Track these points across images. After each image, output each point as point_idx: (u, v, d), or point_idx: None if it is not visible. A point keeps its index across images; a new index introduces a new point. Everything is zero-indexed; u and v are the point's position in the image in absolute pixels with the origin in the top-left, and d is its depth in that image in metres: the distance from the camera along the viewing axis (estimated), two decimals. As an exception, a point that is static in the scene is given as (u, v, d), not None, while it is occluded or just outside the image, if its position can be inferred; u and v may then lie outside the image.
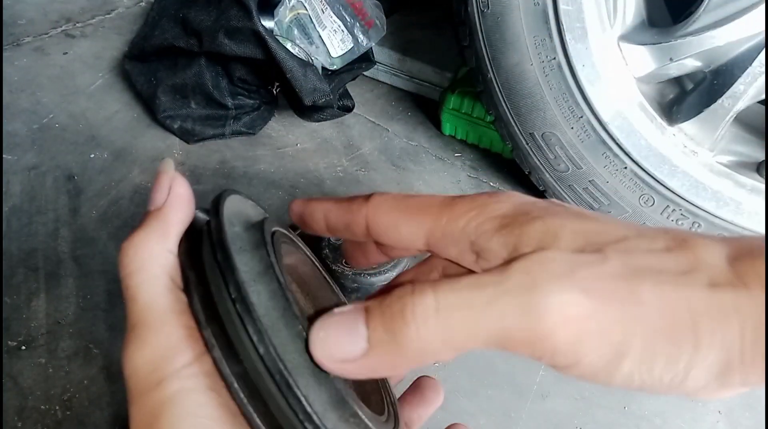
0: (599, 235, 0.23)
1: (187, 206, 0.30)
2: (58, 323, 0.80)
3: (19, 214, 0.93)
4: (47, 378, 0.75)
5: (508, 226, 0.24)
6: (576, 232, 0.23)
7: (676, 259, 0.22)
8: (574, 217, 0.24)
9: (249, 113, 1.11)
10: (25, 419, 0.71)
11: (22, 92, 1.15)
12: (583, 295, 0.20)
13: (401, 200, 0.28)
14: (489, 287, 0.21)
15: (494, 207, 0.26)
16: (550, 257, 0.22)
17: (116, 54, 1.26)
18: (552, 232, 0.23)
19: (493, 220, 0.25)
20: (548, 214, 0.24)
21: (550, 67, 0.83)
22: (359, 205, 0.28)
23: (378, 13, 1.14)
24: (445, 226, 0.26)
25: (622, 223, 0.24)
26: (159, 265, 0.27)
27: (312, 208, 0.31)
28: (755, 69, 0.78)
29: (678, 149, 0.86)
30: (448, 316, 0.21)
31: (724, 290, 0.21)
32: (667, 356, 0.20)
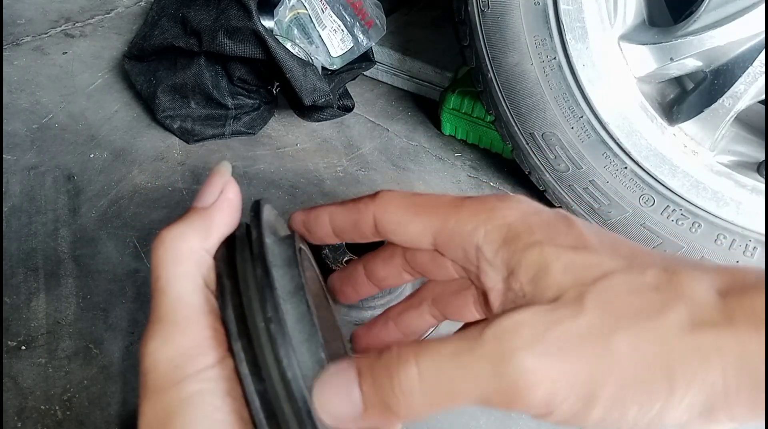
0: (588, 270, 0.24)
1: (234, 213, 0.30)
2: (58, 323, 0.80)
3: (19, 214, 0.93)
4: (47, 378, 0.75)
5: (512, 242, 0.25)
6: (566, 268, 0.24)
7: (661, 297, 0.22)
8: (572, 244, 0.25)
9: (249, 113, 1.11)
10: (25, 419, 0.71)
11: (22, 92, 1.15)
12: (553, 359, 0.22)
13: (409, 198, 0.28)
14: (465, 355, 0.23)
15: (503, 213, 0.26)
16: (521, 322, 0.23)
17: (116, 54, 1.26)
18: (545, 266, 0.24)
19: (500, 229, 0.26)
20: (548, 239, 0.25)
21: (550, 67, 0.83)
22: (366, 203, 0.29)
23: (378, 12, 1.14)
24: (454, 227, 0.27)
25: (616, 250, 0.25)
26: (195, 262, 0.27)
27: (316, 213, 0.31)
28: (755, 69, 0.78)
29: (678, 149, 0.86)
30: (430, 385, 0.23)
31: (706, 330, 0.21)
32: (639, 403, 0.21)
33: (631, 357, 0.21)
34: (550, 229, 0.26)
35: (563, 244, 0.25)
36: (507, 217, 0.26)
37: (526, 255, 0.25)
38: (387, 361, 0.24)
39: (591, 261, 0.24)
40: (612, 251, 0.24)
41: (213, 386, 0.25)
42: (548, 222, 0.26)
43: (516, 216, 0.26)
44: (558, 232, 0.25)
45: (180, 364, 0.25)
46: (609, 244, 0.25)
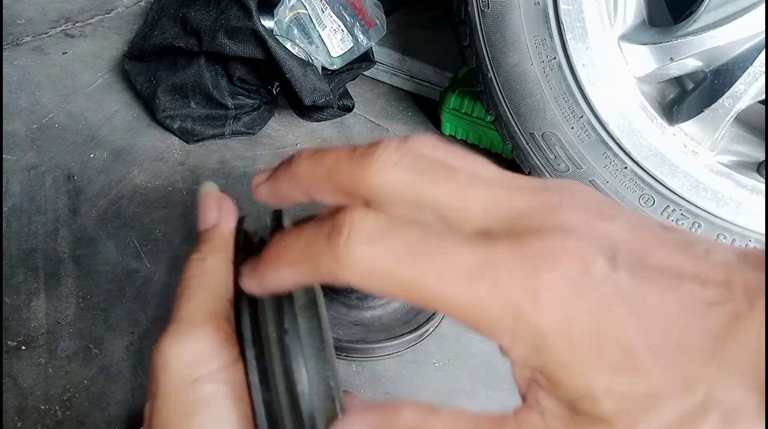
0: (637, 400, 0.21)
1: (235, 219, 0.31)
2: (58, 323, 0.80)
3: (19, 214, 0.93)
4: (47, 378, 0.75)
5: (544, 363, 0.21)
6: (616, 399, 0.21)
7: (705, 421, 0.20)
8: (618, 367, 0.21)
9: (249, 113, 1.11)
10: (25, 419, 0.71)
11: (22, 92, 1.15)
12: None
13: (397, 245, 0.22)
14: None
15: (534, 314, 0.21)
16: None
17: (116, 54, 1.26)
18: (591, 397, 0.21)
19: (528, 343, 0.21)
20: (589, 361, 0.21)
21: (550, 67, 0.83)
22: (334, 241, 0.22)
23: (378, 12, 1.14)
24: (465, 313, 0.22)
25: (667, 367, 0.21)
26: (220, 276, 0.28)
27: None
28: (756, 69, 0.78)
29: (678, 149, 0.86)
30: None
31: None
32: None
33: None
34: (592, 338, 0.21)
35: (609, 363, 0.21)
36: (536, 322, 0.21)
37: (565, 382, 0.21)
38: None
39: (640, 388, 0.21)
40: (660, 365, 0.21)
41: (226, 389, 0.25)
42: (588, 323, 0.21)
43: (547, 319, 0.21)
44: (602, 339, 0.21)
45: (194, 363, 0.25)
46: (655, 350, 0.21)
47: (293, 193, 0.26)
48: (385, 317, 0.83)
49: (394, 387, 0.80)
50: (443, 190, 0.22)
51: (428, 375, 0.82)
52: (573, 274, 0.21)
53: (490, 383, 0.82)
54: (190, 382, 0.25)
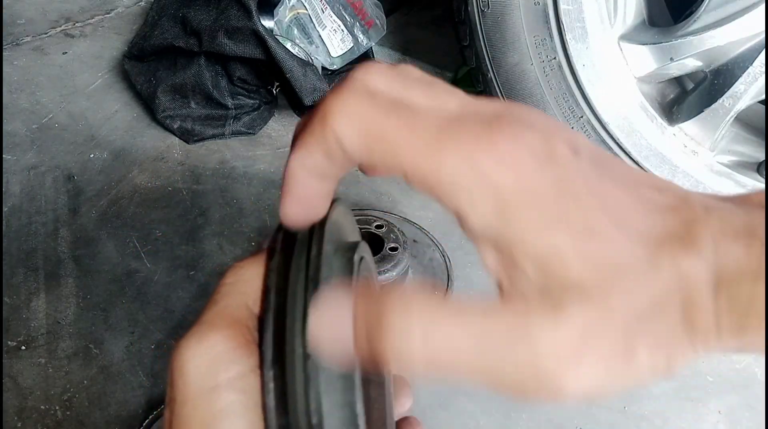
0: (606, 263, 0.21)
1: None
2: (58, 323, 0.80)
3: (19, 214, 0.93)
4: (47, 378, 0.75)
5: (506, 218, 0.21)
6: (585, 259, 0.21)
7: (666, 290, 0.21)
8: (583, 229, 0.21)
9: (249, 113, 1.11)
10: (25, 419, 0.71)
11: (22, 92, 1.15)
12: (587, 374, 0.21)
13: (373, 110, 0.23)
14: (490, 357, 0.21)
15: (493, 175, 0.21)
16: (556, 343, 0.21)
17: (116, 54, 1.26)
18: (557, 255, 0.21)
19: (489, 199, 0.21)
20: (555, 218, 0.21)
21: (550, 67, 0.83)
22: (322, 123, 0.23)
23: (378, 12, 1.14)
24: (428, 178, 0.22)
25: (630, 235, 0.21)
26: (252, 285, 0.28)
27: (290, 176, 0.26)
28: (755, 69, 0.78)
29: (678, 149, 0.86)
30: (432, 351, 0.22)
31: (696, 332, 0.21)
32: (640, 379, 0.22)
33: (646, 365, 0.21)
34: (556, 202, 0.21)
35: (574, 225, 0.21)
36: (498, 181, 0.21)
37: (529, 239, 0.21)
38: (390, 311, 0.22)
39: (607, 251, 0.21)
40: (623, 233, 0.21)
41: (246, 399, 0.24)
42: (551, 188, 0.21)
43: (511, 179, 0.21)
44: (566, 204, 0.21)
45: (213, 368, 0.24)
46: (617, 219, 0.21)
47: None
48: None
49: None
50: (420, 93, 0.23)
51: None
52: (537, 150, 0.21)
53: (490, 383, 0.82)
54: (209, 389, 0.24)
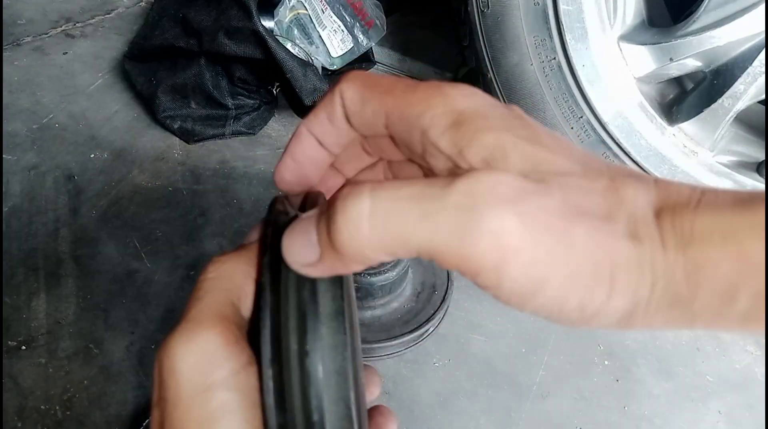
0: (546, 164, 0.23)
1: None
2: (58, 323, 0.80)
3: (19, 214, 0.93)
4: (47, 378, 0.75)
5: (462, 125, 0.24)
6: (525, 156, 0.23)
7: (608, 204, 0.22)
8: (527, 138, 0.24)
9: (249, 113, 1.11)
10: (25, 419, 0.71)
11: (22, 92, 1.15)
12: (521, 226, 0.21)
13: (371, 78, 0.27)
14: (428, 202, 0.21)
15: (455, 100, 0.25)
16: (497, 180, 0.22)
17: (116, 54, 1.26)
18: (501, 149, 0.23)
19: (450, 115, 0.24)
20: (503, 127, 0.24)
21: (550, 67, 0.83)
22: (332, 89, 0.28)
23: (378, 13, 1.14)
24: (404, 109, 0.25)
25: (570, 154, 0.24)
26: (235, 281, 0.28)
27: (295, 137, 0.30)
28: (755, 69, 0.78)
29: (678, 149, 0.86)
30: (381, 224, 0.22)
31: (643, 245, 0.22)
32: (580, 299, 0.22)
33: (586, 250, 0.21)
34: (505, 121, 0.24)
35: (519, 135, 0.23)
36: (458, 104, 0.25)
37: (479, 136, 0.23)
38: (341, 195, 0.23)
39: (548, 157, 0.23)
40: (567, 154, 0.24)
41: (242, 396, 0.24)
42: (503, 114, 0.25)
43: (468, 104, 0.25)
44: (513, 125, 0.24)
45: (205, 367, 0.24)
46: (563, 147, 0.24)
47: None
48: (385, 317, 0.83)
49: (394, 387, 0.80)
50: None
51: (428, 375, 0.82)
52: (492, 99, 0.26)
53: (490, 383, 0.82)
54: (203, 389, 0.24)
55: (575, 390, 0.83)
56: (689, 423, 0.83)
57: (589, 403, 0.83)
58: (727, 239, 0.21)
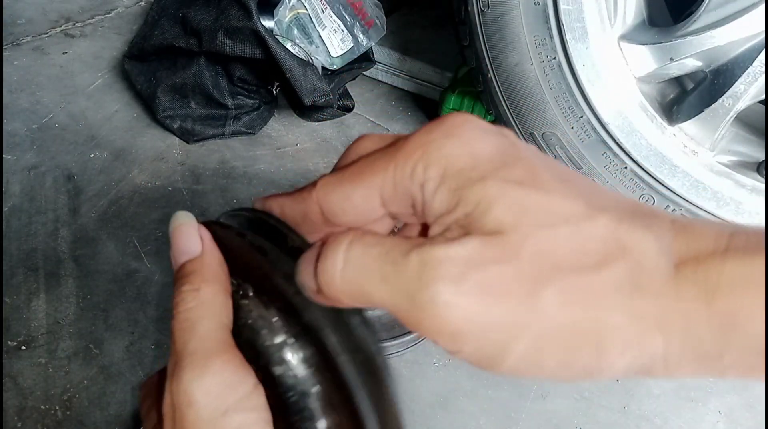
0: (533, 211, 0.21)
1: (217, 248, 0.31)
2: (58, 323, 0.80)
3: (19, 214, 0.93)
4: (47, 378, 0.75)
5: (451, 179, 0.23)
6: (510, 206, 0.21)
7: (605, 251, 0.21)
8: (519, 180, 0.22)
9: (249, 113, 1.11)
10: (25, 419, 0.71)
11: (22, 92, 1.15)
12: (471, 300, 0.21)
13: (343, 171, 0.25)
14: (387, 265, 0.22)
15: (440, 145, 0.23)
16: (450, 255, 0.21)
17: (116, 54, 1.26)
18: (486, 202, 0.22)
19: (438, 165, 0.23)
20: (491, 174, 0.22)
21: (550, 67, 0.83)
22: (308, 191, 0.26)
23: (378, 12, 1.14)
24: (395, 174, 0.24)
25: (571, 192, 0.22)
26: (216, 304, 0.28)
27: (269, 204, 0.29)
28: (755, 69, 0.78)
29: (678, 149, 0.86)
30: (349, 277, 0.23)
31: (648, 298, 0.20)
32: (560, 360, 0.21)
33: (557, 315, 0.20)
34: (496, 161, 0.23)
35: (510, 178, 0.22)
36: (445, 148, 0.23)
37: (467, 191, 0.22)
38: (325, 246, 0.24)
39: (538, 201, 0.21)
40: (565, 191, 0.22)
41: (257, 416, 0.25)
42: (494, 152, 0.23)
43: (455, 147, 0.23)
44: (505, 164, 0.23)
45: (221, 393, 0.25)
46: (562, 181, 0.22)
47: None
48: (385, 317, 0.83)
49: (394, 387, 0.80)
50: None
51: (428, 375, 0.82)
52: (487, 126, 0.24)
53: (490, 383, 0.82)
54: (221, 413, 0.25)
55: (575, 390, 0.83)
56: (689, 423, 0.83)
57: (589, 403, 0.83)
58: (762, 289, 0.19)
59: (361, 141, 0.28)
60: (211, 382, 0.25)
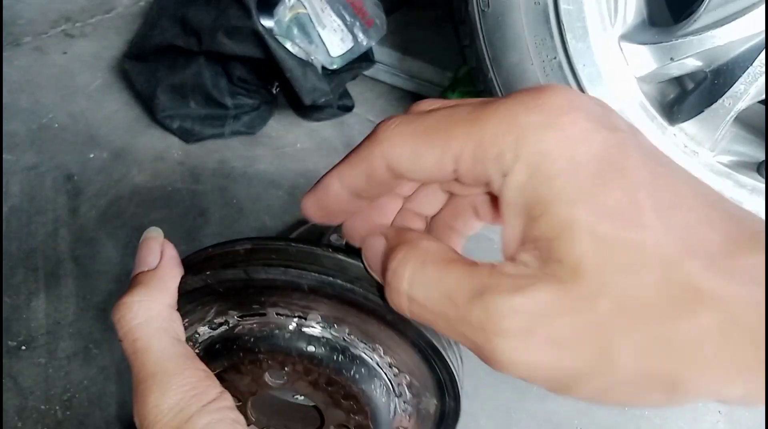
0: (621, 254, 0.19)
1: (179, 267, 0.31)
2: (58, 323, 0.80)
3: (19, 214, 0.93)
4: (47, 378, 0.74)
5: (540, 186, 0.20)
6: (598, 245, 0.19)
7: (690, 304, 0.19)
8: (613, 213, 0.19)
9: (248, 113, 1.11)
10: (25, 419, 0.71)
11: (22, 92, 1.15)
12: (534, 352, 0.20)
13: (421, 123, 0.22)
14: (452, 310, 0.21)
15: (536, 136, 0.20)
16: (516, 308, 0.20)
17: (115, 54, 1.26)
18: (572, 233, 0.19)
19: (528, 163, 0.20)
20: (585, 196, 0.19)
21: (550, 67, 0.83)
22: (370, 146, 0.23)
23: (378, 12, 1.14)
24: (477, 149, 0.21)
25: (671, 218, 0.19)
26: (165, 318, 0.29)
27: (324, 185, 0.26)
28: (756, 69, 0.78)
29: (679, 149, 0.86)
30: (415, 311, 0.23)
31: (730, 351, 0.18)
32: (626, 398, 0.20)
33: (631, 365, 0.19)
34: (596, 175, 0.19)
35: (605, 205, 0.19)
36: (542, 143, 0.20)
37: (554, 210, 0.19)
38: (393, 262, 0.24)
39: (629, 241, 0.19)
40: (662, 226, 0.19)
41: (222, 416, 0.26)
42: (596, 161, 0.19)
43: (554, 144, 0.20)
44: (605, 182, 0.19)
45: (184, 407, 0.26)
46: (663, 210, 0.19)
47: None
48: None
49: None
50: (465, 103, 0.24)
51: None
52: (595, 113, 0.20)
53: (491, 383, 0.82)
54: (185, 420, 0.26)
55: (575, 390, 0.83)
56: (689, 423, 0.83)
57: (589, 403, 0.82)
58: None
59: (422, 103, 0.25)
60: (174, 398, 0.26)
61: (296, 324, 0.30)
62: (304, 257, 0.29)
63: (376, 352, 0.31)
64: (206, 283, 0.29)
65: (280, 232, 0.96)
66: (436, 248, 0.23)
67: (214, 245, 0.31)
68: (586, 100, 0.21)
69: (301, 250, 0.29)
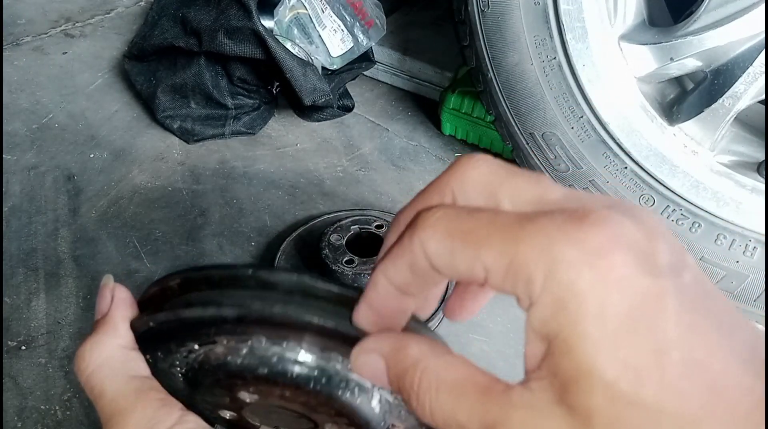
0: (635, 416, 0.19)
1: (130, 306, 0.32)
2: (58, 323, 0.80)
3: (19, 214, 0.93)
4: (47, 378, 0.75)
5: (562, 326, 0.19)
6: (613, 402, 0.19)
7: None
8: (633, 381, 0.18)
9: (249, 113, 1.11)
10: (25, 419, 0.71)
11: (22, 92, 1.15)
12: None
13: (456, 223, 0.22)
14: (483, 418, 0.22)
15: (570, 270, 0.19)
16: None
17: (116, 54, 1.26)
18: (589, 382, 0.19)
19: (557, 295, 0.19)
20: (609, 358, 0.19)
21: (550, 67, 0.83)
22: (411, 234, 0.23)
23: (378, 12, 1.14)
24: (507, 269, 0.20)
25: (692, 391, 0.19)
26: (117, 359, 0.29)
27: (373, 282, 0.25)
28: (756, 69, 0.78)
29: (678, 149, 0.86)
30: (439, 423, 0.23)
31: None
32: None
33: None
34: (623, 329, 0.19)
35: (627, 361, 0.18)
36: (573, 283, 0.19)
37: (574, 354, 0.19)
38: (411, 374, 0.24)
39: (648, 402, 0.18)
40: (684, 389, 0.18)
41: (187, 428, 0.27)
42: (623, 312, 0.19)
43: (586, 285, 0.19)
44: (631, 335, 0.19)
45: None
46: (690, 367, 0.19)
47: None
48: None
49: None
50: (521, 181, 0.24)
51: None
52: (639, 253, 0.19)
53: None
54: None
55: (575, 390, 0.83)
56: None
57: None
58: None
59: (476, 164, 0.24)
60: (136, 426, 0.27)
61: (249, 347, 0.29)
62: (229, 283, 0.29)
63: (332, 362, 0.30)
64: (149, 325, 0.30)
65: (280, 232, 0.96)
66: (444, 367, 0.23)
67: (156, 280, 0.32)
68: (632, 234, 0.20)
69: (224, 277, 0.29)
